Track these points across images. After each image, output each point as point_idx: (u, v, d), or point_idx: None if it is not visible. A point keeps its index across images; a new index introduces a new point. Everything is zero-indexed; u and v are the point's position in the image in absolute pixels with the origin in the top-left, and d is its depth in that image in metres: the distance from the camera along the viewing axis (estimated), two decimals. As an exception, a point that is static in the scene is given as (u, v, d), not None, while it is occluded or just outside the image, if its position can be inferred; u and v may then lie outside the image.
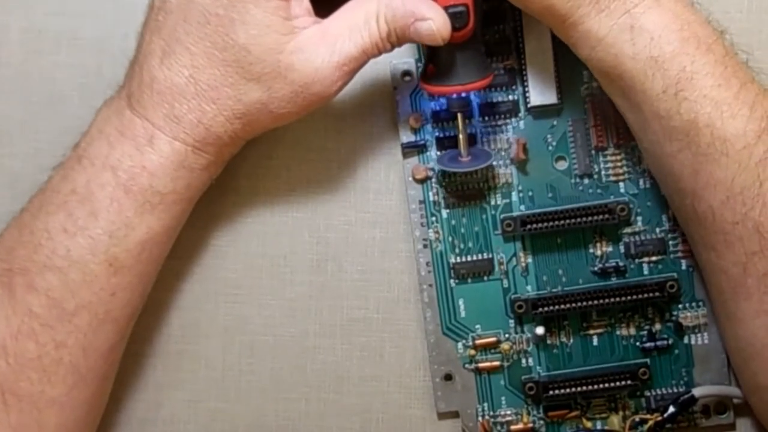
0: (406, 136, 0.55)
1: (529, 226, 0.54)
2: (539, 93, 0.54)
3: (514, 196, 0.55)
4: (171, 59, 0.47)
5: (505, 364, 0.55)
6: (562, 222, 0.54)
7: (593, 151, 0.55)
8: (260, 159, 0.55)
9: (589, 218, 0.54)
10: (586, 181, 0.55)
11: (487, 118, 0.55)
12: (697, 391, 0.53)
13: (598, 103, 0.55)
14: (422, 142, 0.55)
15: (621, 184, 0.55)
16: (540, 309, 0.54)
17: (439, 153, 0.55)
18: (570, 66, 0.54)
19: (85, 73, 0.55)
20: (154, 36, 0.48)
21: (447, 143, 0.55)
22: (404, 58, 0.55)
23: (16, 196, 0.50)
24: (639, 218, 0.55)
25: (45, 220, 0.48)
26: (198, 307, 0.54)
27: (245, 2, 0.47)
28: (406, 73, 0.55)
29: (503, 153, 0.55)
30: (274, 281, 0.55)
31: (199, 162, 0.49)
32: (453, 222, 0.55)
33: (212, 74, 0.48)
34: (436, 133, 0.55)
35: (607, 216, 0.54)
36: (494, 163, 0.55)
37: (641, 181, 0.55)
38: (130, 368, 0.54)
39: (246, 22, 0.47)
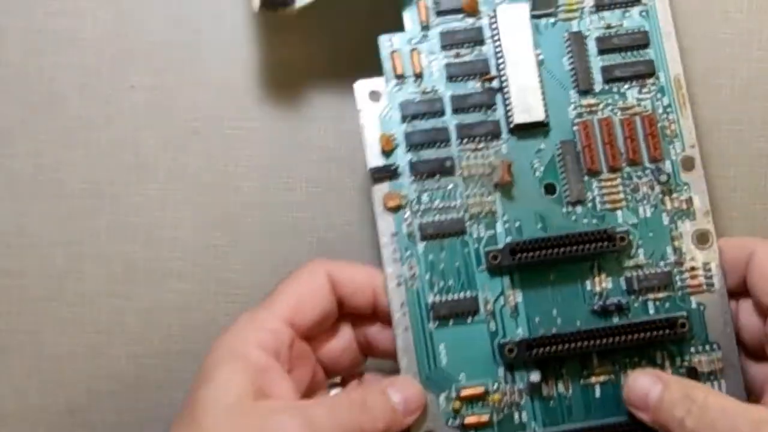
0: (375, 160, 0.51)
1: (518, 256, 0.49)
2: (523, 110, 0.51)
3: (499, 227, 0.51)
4: None
5: (495, 418, 0.49)
6: (555, 250, 0.49)
7: (585, 176, 0.51)
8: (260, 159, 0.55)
9: (585, 246, 0.50)
10: (578, 209, 0.51)
11: (465, 141, 0.51)
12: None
13: (589, 123, 0.51)
14: (394, 166, 0.51)
15: (618, 213, 0.51)
16: (534, 351, 0.49)
17: (412, 179, 0.51)
18: (556, 86, 0.51)
19: (85, 73, 0.55)
20: None
21: (422, 168, 0.51)
22: (372, 77, 0.52)
23: (16, 196, 0.51)
24: (641, 250, 0.51)
25: None
26: (198, 307, 0.54)
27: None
28: (374, 94, 0.52)
29: (485, 179, 0.51)
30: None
31: None
32: (431, 257, 0.51)
33: None
34: (410, 157, 0.51)
35: (605, 244, 0.50)
36: (476, 191, 0.51)
37: (641, 209, 0.51)
38: (131, 368, 0.53)
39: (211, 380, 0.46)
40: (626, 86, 0.53)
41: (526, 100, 0.52)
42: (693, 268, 0.51)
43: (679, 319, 0.50)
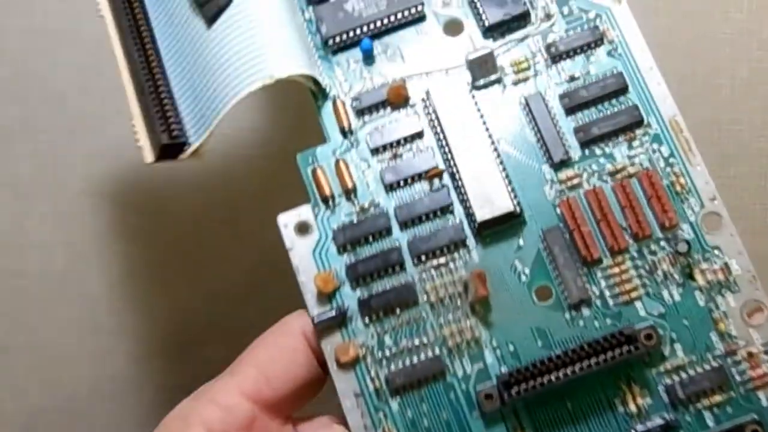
0: (316, 307, 0.41)
1: (519, 388, 0.38)
2: (485, 203, 0.40)
3: (489, 357, 0.40)
4: None
5: None
6: (566, 371, 0.38)
7: (584, 268, 0.40)
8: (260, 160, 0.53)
9: (604, 356, 0.38)
10: (585, 311, 0.40)
11: (423, 259, 0.41)
12: None
13: (573, 201, 0.40)
14: (341, 310, 0.40)
15: (638, 305, 0.40)
16: None
17: (367, 321, 0.41)
18: (522, 165, 0.41)
19: (85, 73, 0.55)
20: None
21: (376, 304, 0.40)
22: (298, 207, 0.42)
23: (16, 196, 0.52)
24: (677, 346, 0.39)
25: None
26: (198, 307, 0.53)
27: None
28: (303, 226, 0.42)
29: (457, 301, 0.40)
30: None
31: None
32: (409, 413, 0.39)
33: None
34: (359, 295, 0.41)
35: (629, 348, 0.38)
36: (450, 318, 0.40)
37: (666, 294, 0.40)
38: (131, 368, 0.53)
39: None
40: (611, 144, 0.42)
41: (485, 191, 0.41)
42: (751, 354, 0.39)
43: (748, 427, 0.38)
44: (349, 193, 0.42)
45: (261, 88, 0.41)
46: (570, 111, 0.42)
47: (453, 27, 0.45)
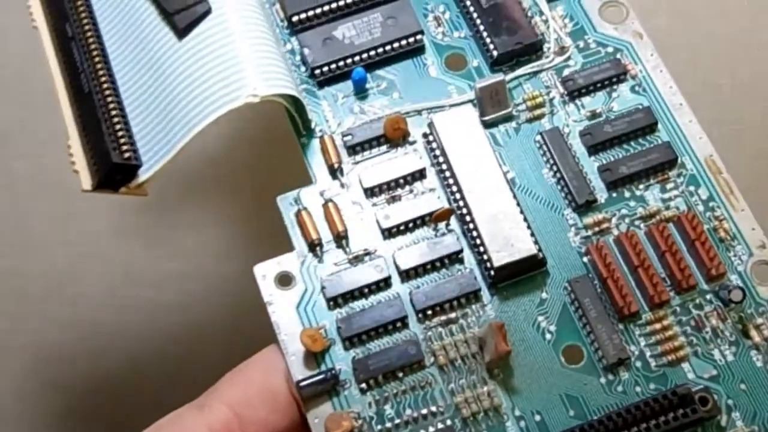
0: (302, 370, 0.34)
1: None
2: (503, 247, 0.34)
3: (512, 428, 0.33)
4: None
5: None
6: None
7: (620, 324, 0.34)
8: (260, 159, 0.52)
9: (649, 424, 0.32)
10: (623, 374, 0.34)
11: (430, 314, 0.34)
12: None
13: (603, 246, 0.35)
14: (331, 374, 0.34)
15: (684, 365, 0.34)
16: None
17: (364, 386, 0.34)
18: (542, 209, 0.36)
19: None
20: None
21: (375, 367, 0.34)
22: (278, 256, 0.36)
23: (16, 196, 0.52)
24: (736, 415, 0.33)
25: None
26: (198, 307, 0.51)
27: None
28: (285, 278, 0.36)
29: (472, 362, 0.34)
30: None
31: None
32: (419, 499, 0.32)
33: None
34: (353, 355, 0.34)
35: (681, 413, 0.32)
36: (463, 383, 0.34)
37: (717, 354, 0.34)
38: (131, 368, 0.51)
39: None
40: (641, 186, 0.37)
41: (503, 233, 0.35)
42: (824, 423, 0.33)
43: None
44: (340, 239, 0.36)
45: (238, 109, 0.36)
46: (593, 149, 0.37)
47: (456, 59, 0.40)
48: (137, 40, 0.37)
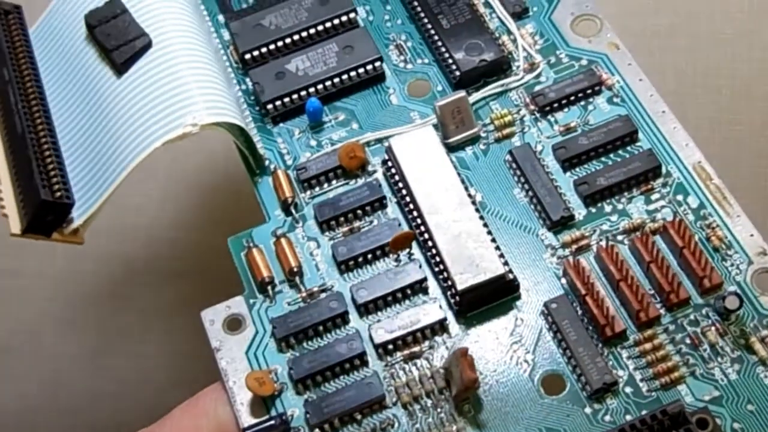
0: (249, 417, 0.30)
1: None
2: (467, 269, 0.31)
3: None
4: None
5: None
6: None
7: (604, 348, 0.30)
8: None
9: None
10: (611, 402, 0.29)
11: (391, 349, 0.31)
12: None
13: (581, 264, 0.31)
14: (281, 420, 0.30)
15: (681, 388, 0.30)
16: None
17: None
18: (513, 231, 0.32)
19: None
20: None
21: (330, 411, 0.30)
22: (227, 300, 0.33)
23: None
24: None
25: None
26: (198, 308, 0.44)
27: None
28: (234, 321, 0.32)
29: (438, 398, 0.30)
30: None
31: None
32: None
33: None
34: (306, 397, 0.31)
35: None
36: (430, 422, 0.30)
37: (718, 373, 0.29)
38: (131, 368, 0.50)
39: None
40: (623, 199, 0.33)
41: (467, 255, 0.32)
42: None
43: None
44: (294, 276, 0.33)
45: (180, 138, 0.33)
46: (568, 163, 0.34)
47: (419, 85, 0.37)
48: (78, 82, 0.36)
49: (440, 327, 0.31)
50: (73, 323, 0.52)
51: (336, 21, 0.38)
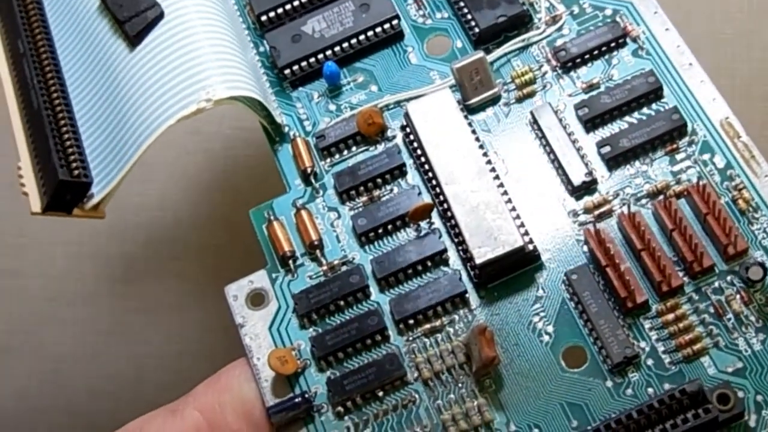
0: (273, 396, 0.31)
1: None
2: (486, 241, 0.31)
3: None
4: None
5: None
6: None
7: (625, 318, 0.30)
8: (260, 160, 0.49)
9: (664, 427, 0.27)
10: (633, 375, 0.29)
11: (412, 324, 0.31)
12: None
13: (602, 232, 0.31)
14: (304, 398, 0.31)
15: (704, 360, 0.29)
16: None
17: (341, 410, 0.31)
18: (533, 195, 0.32)
19: None
20: None
21: (352, 388, 0.31)
22: (250, 274, 0.33)
23: (16, 196, 0.48)
24: (766, 413, 0.28)
25: None
26: (198, 307, 0.50)
27: None
28: (257, 296, 0.33)
29: (458, 373, 0.30)
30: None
31: None
32: None
33: None
34: (329, 375, 0.31)
35: (697, 413, 0.27)
36: (451, 398, 0.30)
37: (744, 341, 0.29)
38: (131, 368, 0.50)
39: None
40: (646, 160, 0.33)
41: (485, 226, 0.32)
42: None
43: None
44: (315, 250, 0.33)
45: (196, 114, 0.33)
46: (590, 123, 0.33)
47: (438, 42, 0.36)
48: (93, 54, 0.35)
49: (461, 300, 0.31)
50: (73, 323, 0.52)
51: (352, -23, 0.37)
